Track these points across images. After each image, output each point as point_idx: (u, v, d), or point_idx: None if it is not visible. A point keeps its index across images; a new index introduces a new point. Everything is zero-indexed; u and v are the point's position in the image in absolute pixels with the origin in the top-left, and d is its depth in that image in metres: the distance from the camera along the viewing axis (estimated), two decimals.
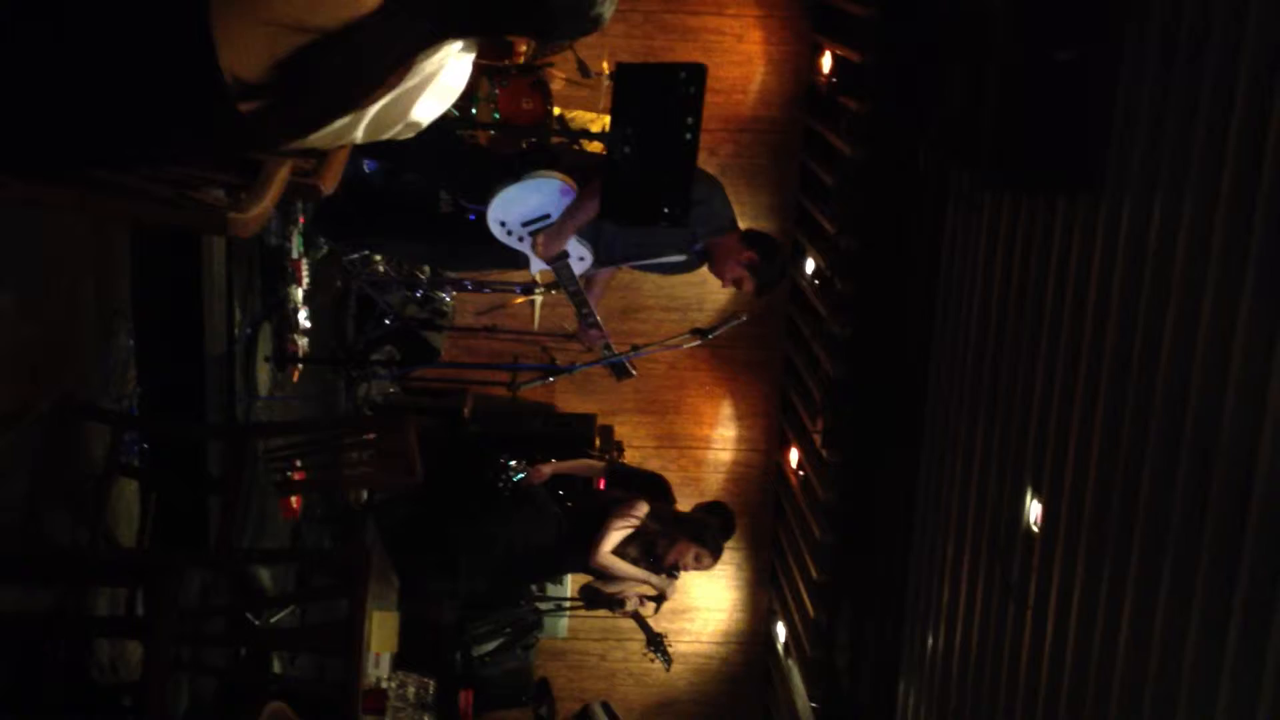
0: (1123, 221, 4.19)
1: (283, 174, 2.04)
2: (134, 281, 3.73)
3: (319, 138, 1.77)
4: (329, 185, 2.31)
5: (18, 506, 3.09)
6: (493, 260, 4.89)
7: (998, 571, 5.15)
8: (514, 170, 4.53)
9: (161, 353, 3.85)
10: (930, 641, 6.00)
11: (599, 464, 6.23)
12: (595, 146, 5.44)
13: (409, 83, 1.78)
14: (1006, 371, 5.12)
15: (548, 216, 4.52)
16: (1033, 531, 4.82)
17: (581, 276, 4.67)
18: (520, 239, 4.58)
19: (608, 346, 4.93)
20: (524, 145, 5.46)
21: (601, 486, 6.05)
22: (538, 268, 4.73)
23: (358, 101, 1.71)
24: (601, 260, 4.72)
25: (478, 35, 1.71)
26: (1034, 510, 4.82)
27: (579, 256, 4.63)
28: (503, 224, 4.56)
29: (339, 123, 1.71)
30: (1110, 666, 4.14)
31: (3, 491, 3.03)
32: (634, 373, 5.06)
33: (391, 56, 1.67)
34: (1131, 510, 4.03)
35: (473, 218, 4.62)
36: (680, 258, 4.83)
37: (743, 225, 4.97)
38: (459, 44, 1.75)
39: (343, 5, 1.52)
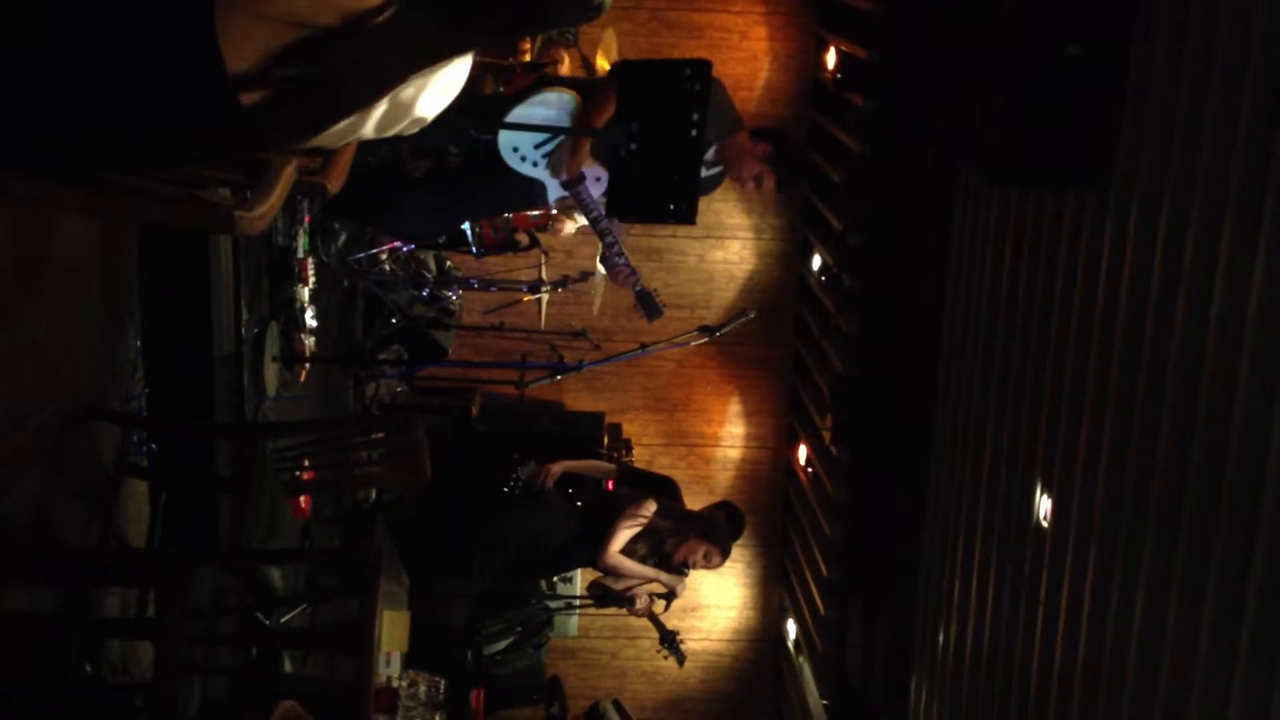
0: (1132, 216, 4.18)
1: (289, 172, 2.04)
2: (142, 282, 3.73)
3: (325, 136, 1.77)
4: (335, 184, 2.31)
5: (28, 507, 3.09)
6: (509, 198, 4.75)
7: (1009, 567, 5.14)
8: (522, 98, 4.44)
9: (170, 353, 3.85)
10: (941, 637, 6.00)
11: (610, 466, 6.23)
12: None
13: (414, 81, 1.78)
14: (1016, 367, 5.11)
15: (559, 135, 4.40)
16: (1043, 527, 4.81)
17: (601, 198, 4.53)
18: (535, 163, 4.46)
19: (638, 284, 4.79)
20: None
21: (610, 487, 6.04)
22: (555, 195, 4.60)
23: (364, 103, 1.71)
24: None
25: (487, 41, 1.71)
26: (1044, 505, 4.82)
27: (595, 177, 4.50)
28: (515, 149, 4.42)
29: (345, 122, 1.71)
30: (1123, 661, 4.13)
31: (13, 492, 3.04)
32: (663, 311, 4.90)
33: (398, 63, 1.67)
34: (1143, 505, 4.02)
35: (486, 158, 4.46)
36: None
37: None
38: (469, 56, 1.75)
39: (352, 9, 1.52)
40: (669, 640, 6.05)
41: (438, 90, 1.94)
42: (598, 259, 4.80)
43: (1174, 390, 3.87)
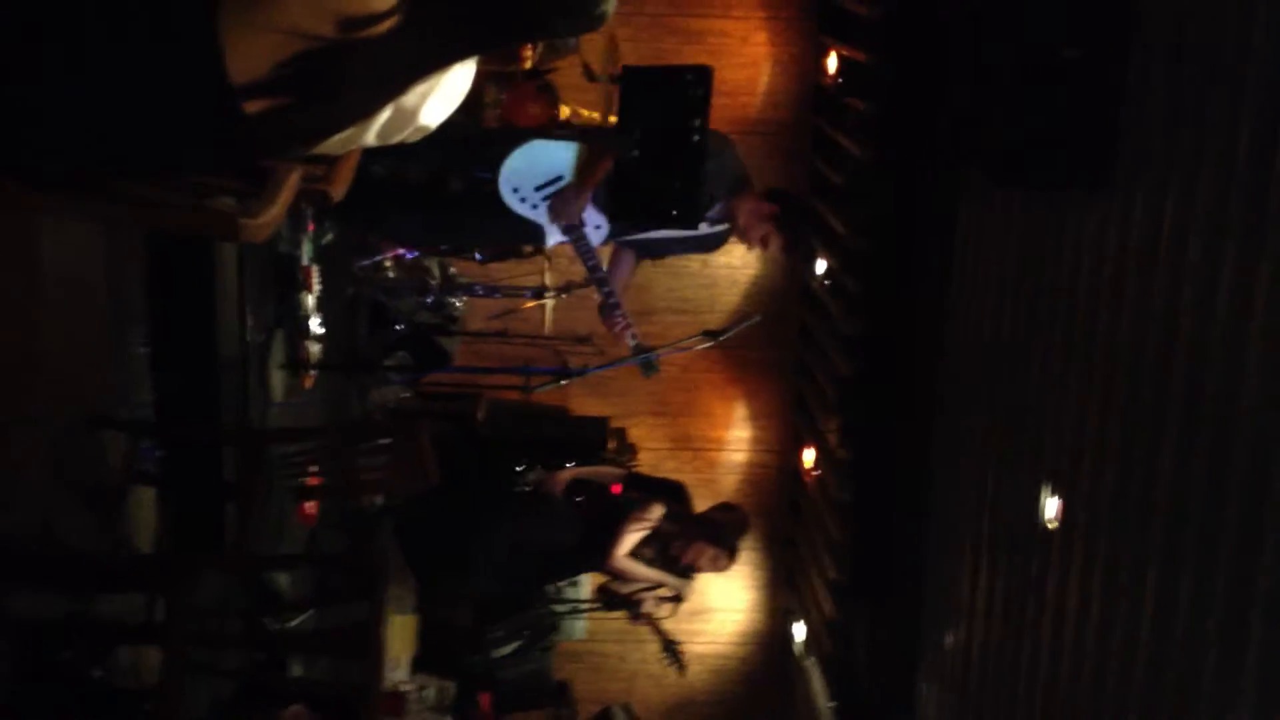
0: (1135, 217, 4.19)
1: (293, 180, 2.06)
2: (148, 290, 3.76)
3: (327, 144, 1.79)
4: (339, 191, 2.33)
5: (36, 514, 3.11)
6: (506, 233, 4.75)
7: (1016, 568, 5.15)
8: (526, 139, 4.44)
9: (176, 360, 3.88)
10: (949, 639, 6.00)
11: (617, 471, 6.24)
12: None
13: (417, 89, 1.80)
14: (1021, 368, 5.12)
15: (561, 178, 4.41)
16: (1050, 528, 4.81)
17: (600, 248, 4.54)
18: (534, 206, 4.45)
19: (634, 337, 4.78)
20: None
21: (617, 491, 6.06)
22: (554, 239, 4.59)
23: (366, 113, 1.72)
24: (618, 230, 4.61)
25: (489, 50, 1.72)
26: (1051, 506, 4.82)
27: (595, 225, 4.49)
28: (515, 190, 4.42)
29: (347, 130, 1.72)
30: (1131, 663, 4.13)
31: (21, 499, 3.06)
32: (659, 369, 4.92)
33: (401, 72, 1.68)
34: (1150, 505, 4.02)
35: (486, 191, 4.48)
36: (700, 226, 4.70)
37: None
38: (473, 61, 1.76)
39: (353, 17, 1.53)
40: (670, 649, 6.06)
41: (441, 98, 1.95)
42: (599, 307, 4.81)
43: (1180, 390, 3.88)
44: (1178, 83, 3.96)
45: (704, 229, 4.68)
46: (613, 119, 6.24)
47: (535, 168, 4.41)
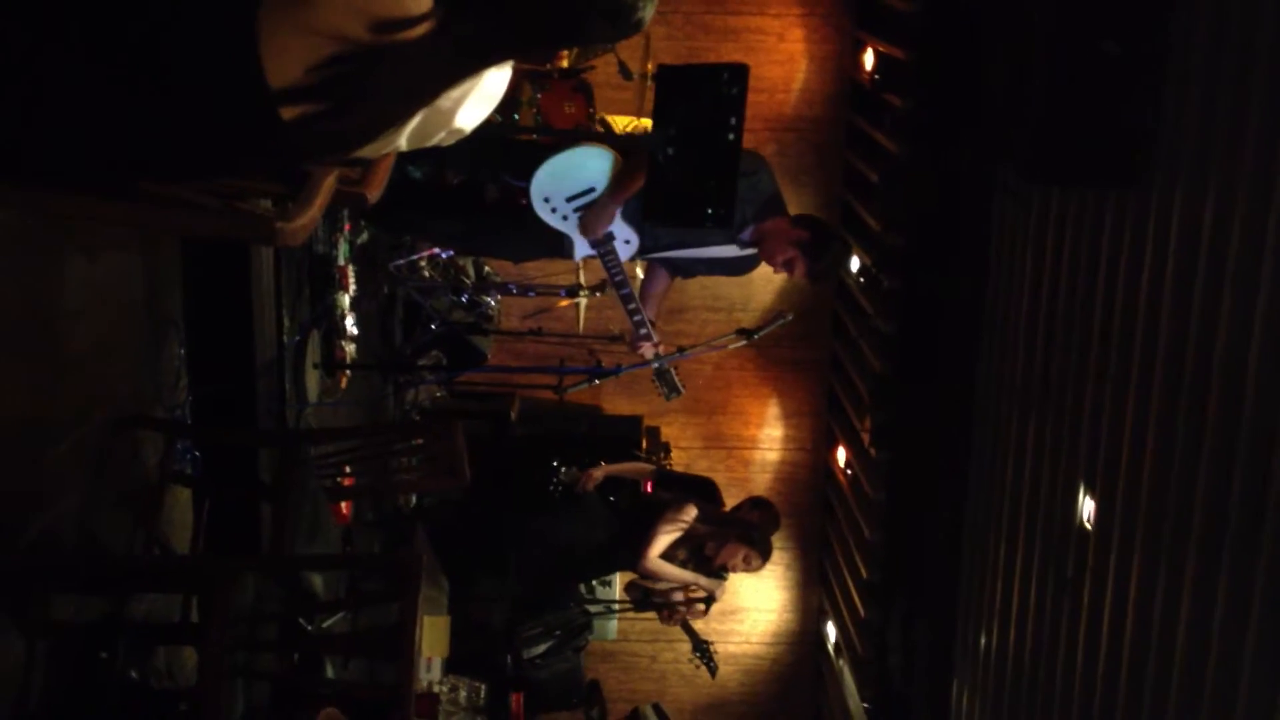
0: (1175, 214, 4.14)
1: (329, 183, 2.06)
2: (185, 291, 3.77)
3: (363, 148, 1.78)
4: (374, 193, 2.33)
5: (73, 515, 3.13)
6: (536, 245, 4.76)
7: (1051, 569, 5.10)
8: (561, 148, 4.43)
9: (213, 361, 3.89)
10: (983, 640, 5.96)
11: (648, 467, 6.23)
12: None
13: (453, 92, 1.79)
14: (1057, 367, 5.08)
15: (593, 190, 4.41)
16: (1086, 528, 4.77)
17: (628, 262, 4.52)
18: (565, 217, 4.45)
19: (659, 360, 4.78)
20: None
21: (649, 489, 6.04)
22: (582, 252, 4.59)
23: (402, 118, 1.72)
24: (647, 246, 4.61)
25: (526, 56, 1.71)
26: (1087, 507, 4.77)
27: (624, 239, 4.49)
28: (547, 200, 4.42)
29: (382, 135, 1.72)
30: (1168, 665, 4.09)
31: (58, 501, 3.07)
32: (683, 390, 4.93)
33: (437, 77, 1.67)
34: (1189, 505, 3.98)
35: (521, 201, 4.47)
36: (730, 249, 4.68)
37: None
38: (508, 66, 1.75)
39: (389, 21, 1.52)
40: (702, 650, 6.04)
41: (477, 100, 1.94)
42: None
43: (1219, 390, 3.83)
44: (1216, 79, 3.91)
45: (734, 251, 4.69)
46: (644, 123, 6.23)
47: (568, 178, 4.41)
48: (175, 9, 1.55)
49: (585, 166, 4.39)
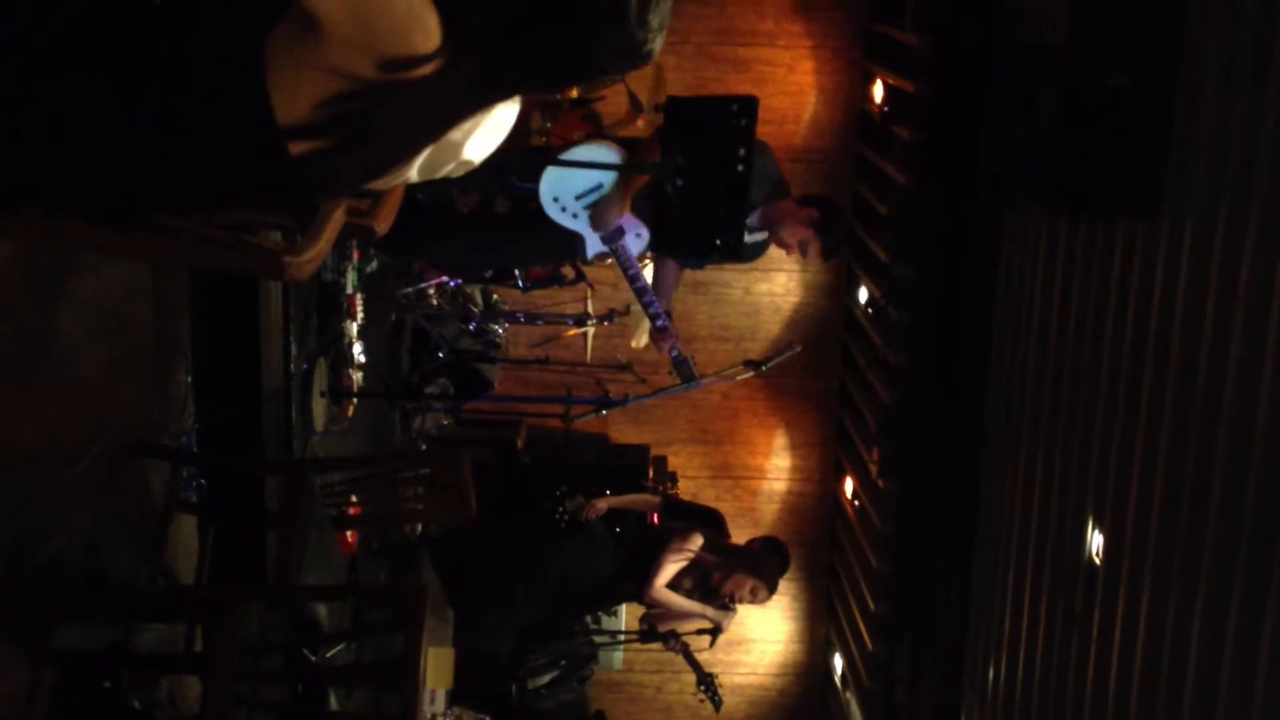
0: (1185, 245, 4.13)
1: (338, 216, 2.05)
2: (193, 318, 3.77)
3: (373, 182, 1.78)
4: (383, 225, 2.32)
5: (79, 543, 3.12)
6: (550, 250, 4.75)
7: (1060, 603, 5.07)
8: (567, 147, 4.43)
9: (219, 389, 3.89)
10: (991, 674, 5.92)
11: (654, 499, 6.20)
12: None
13: (463, 124, 1.79)
14: (1066, 399, 5.06)
15: (601, 186, 4.39)
16: (1096, 562, 4.74)
17: (639, 256, 4.52)
18: (575, 215, 4.45)
19: (676, 351, 4.76)
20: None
21: (655, 521, 6.03)
22: (594, 250, 4.59)
23: (409, 154, 1.71)
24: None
25: (536, 92, 1.72)
26: (1097, 540, 4.75)
27: (635, 233, 4.50)
28: (556, 199, 4.42)
29: (391, 170, 1.72)
30: (1178, 702, 4.05)
31: (64, 528, 3.07)
32: (701, 380, 4.87)
33: (446, 113, 1.67)
34: (1198, 538, 3.95)
35: (530, 206, 4.47)
36: None
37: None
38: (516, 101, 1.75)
39: (397, 60, 1.52)
40: (706, 683, 6.00)
41: (486, 132, 1.94)
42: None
43: (1229, 422, 3.81)
44: (1227, 110, 3.91)
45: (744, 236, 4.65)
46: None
47: (575, 176, 4.42)
48: (184, 42, 1.55)
49: (594, 158, 4.39)
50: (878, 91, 7.29)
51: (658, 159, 4.06)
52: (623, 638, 7.33)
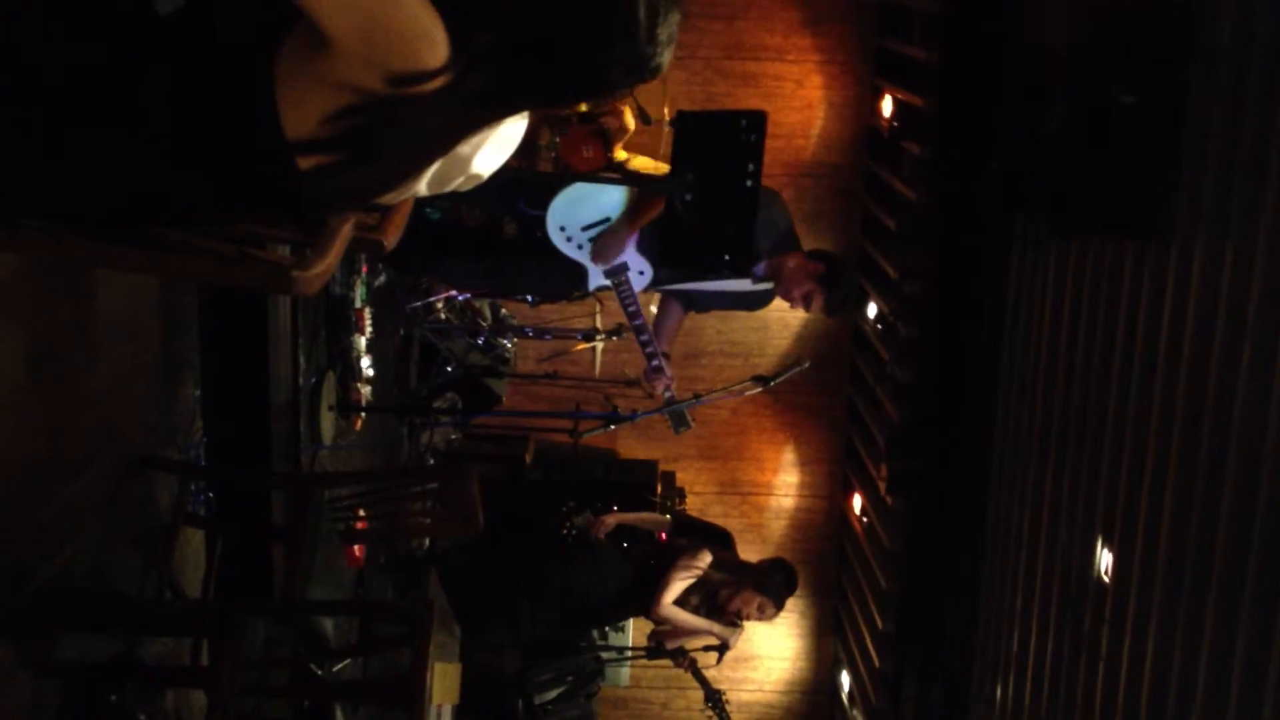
0: (1195, 265, 4.12)
1: (346, 230, 2.06)
2: (201, 332, 3.78)
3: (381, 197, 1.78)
4: (392, 240, 2.33)
5: (86, 556, 3.12)
6: (555, 278, 4.79)
7: (1068, 622, 5.05)
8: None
9: (227, 403, 3.89)
10: (999, 693, 5.89)
11: (664, 519, 6.19)
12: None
13: (471, 138, 1.79)
14: (1075, 417, 5.04)
15: (608, 220, 4.43)
16: (1104, 581, 4.72)
17: (641, 294, 4.54)
18: (580, 246, 4.48)
19: (670, 393, 4.79)
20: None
21: (664, 539, 6.02)
22: (596, 282, 4.62)
23: (417, 170, 1.71)
24: (661, 278, 4.62)
25: (545, 108, 1.72)
26: (1105, 560, 4.73)
27: (639, 270, 4.52)
28: (562, 229, 4.45)
29: (399, 185, 1.72)
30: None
31: (70, 540, 3.06)
32: (692, 424, 4.93)
33: (454, 128, 1.67)
34: (1207, 558, 3.94)
35: (537, 234, 4.52)
36: (744, 282, 4.68)
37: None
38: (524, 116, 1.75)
39: (405, 75, 1.52)
40: (714, 699, 5.98)
41: (494, 147, 1.95)
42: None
43: (1239, 441, 3.80)
44: (1237, 130, 3.90)
45: (748, 285, 4.68)
46: (663, 167, 6.25)
47: (583, 208, 4.44)
48: (193, 57, 1.56)
49: (601, 196, 4.41)
50: (887, 106, 7.29)
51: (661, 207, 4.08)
52: (630, 654, 7.31)
